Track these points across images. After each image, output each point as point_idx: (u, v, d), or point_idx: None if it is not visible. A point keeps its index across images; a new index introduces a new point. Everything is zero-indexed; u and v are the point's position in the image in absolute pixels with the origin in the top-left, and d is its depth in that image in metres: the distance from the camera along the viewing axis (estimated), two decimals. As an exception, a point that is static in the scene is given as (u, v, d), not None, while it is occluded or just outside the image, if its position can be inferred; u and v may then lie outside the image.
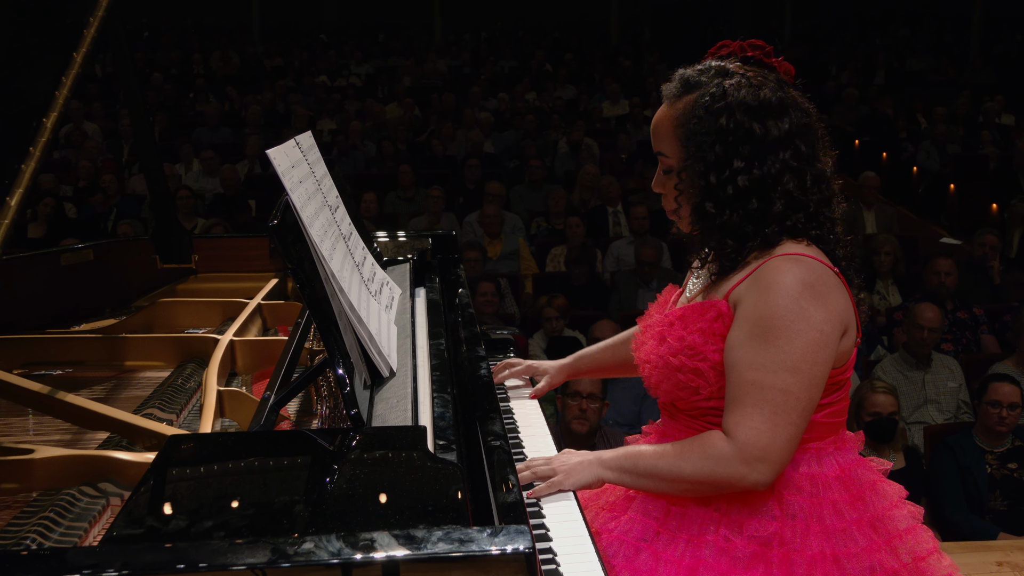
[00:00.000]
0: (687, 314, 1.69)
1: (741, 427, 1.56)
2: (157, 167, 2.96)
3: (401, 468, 1.39)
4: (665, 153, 1.72)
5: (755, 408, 1.56)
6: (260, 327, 2.60)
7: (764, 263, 1.61)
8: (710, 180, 1.64)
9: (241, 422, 1.95)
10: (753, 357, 1.57)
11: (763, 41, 1.74)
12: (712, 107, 1.63)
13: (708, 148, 1.64)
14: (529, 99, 11.83)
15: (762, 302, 1.58)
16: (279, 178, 1.65)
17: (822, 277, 1.59)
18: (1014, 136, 9.95)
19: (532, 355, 5.21)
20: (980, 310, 5.60)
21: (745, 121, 1.63)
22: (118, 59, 2.72)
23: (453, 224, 7.24)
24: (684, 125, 1.67)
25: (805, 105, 1.69)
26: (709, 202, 1.65)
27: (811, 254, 1.61)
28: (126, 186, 8.33)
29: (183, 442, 1.48)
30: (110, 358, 2.42)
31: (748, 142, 1.63)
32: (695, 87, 1.68)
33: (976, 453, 4.05)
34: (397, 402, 1.69)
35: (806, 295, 1.56)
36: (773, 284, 1.58)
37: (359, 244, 2.13)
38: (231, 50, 14.47)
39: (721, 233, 1.66)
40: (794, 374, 1.55)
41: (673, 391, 1.70)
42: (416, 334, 2.09)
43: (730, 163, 1.63)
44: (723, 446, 1.58)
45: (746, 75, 1.67)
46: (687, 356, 1.65)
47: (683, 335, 1.67)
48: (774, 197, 1.63)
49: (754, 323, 1.58)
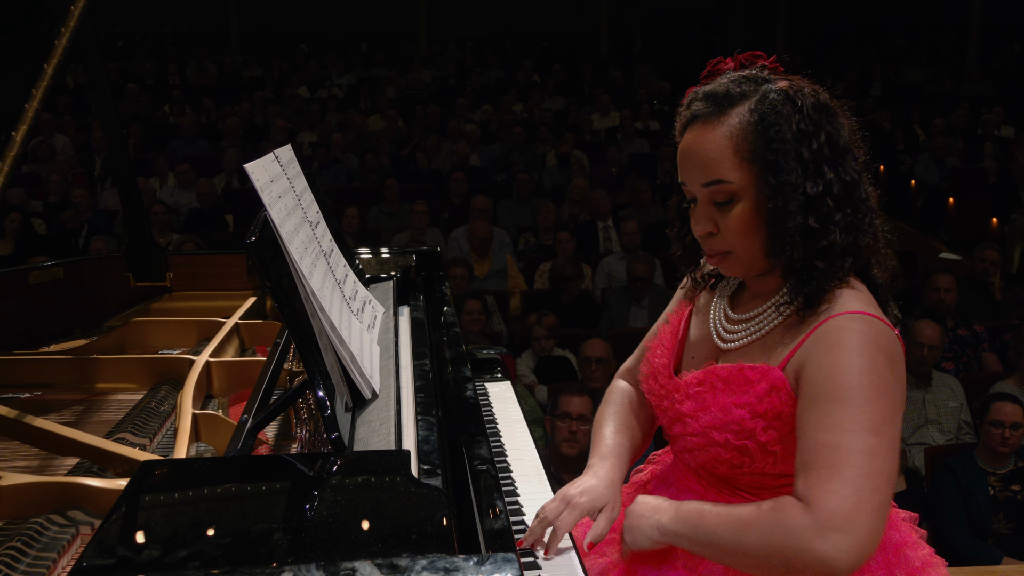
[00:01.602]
0: (733, 379, 1.53)
1: (819, 491, 1.37)
2: (130, 181, 2.95)
3: (384, 494, 1.38)
4: (726, 179, 1.47)
5: (833, 471, 1.37)
6: (237, 347, 2.59)
7: (826, 322, 1.46)
8: (808, 192, 1.44)
9: (217, 447, 1.94)
10: (822, 418, 1.40)
11: (762, 52, 1.59)
12: (783, 110, 1.45)
13: (795, 157, 1.45)
14: (516, 111, 11.88)
15: (830, 362, 1.42)
16: (257, 193, 1.65)
17: (892, 343, 1.45)
18: (1014, 148, 10.05)
19: (520, 375, 5.21)
20: (981, 327, 5.63)
21: (821, 122, 1.47)
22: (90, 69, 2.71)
23: (438, 240, 7.25)
24: (753, 137, 1.45)
25: (839, 105, 1.56)
26: (812, 217, 1.45)
27: (876, 313, 1.47)
28: (98, 201, 8.30)
29: (157, 468, 1.47)
30: (80, 380, 2.40)
31: (829, 145, 1.47)
32: (740, 98, 1.48)
33: (978, 475, 4.07)
34: (380, 425, 1.68)
35: (881, 357, 1.42)
36: (843, 343, 1.42)
37: (340, 261, 2.13)
38: (208, 60, 14.49)
39: (829, 254, 1.46)
40: (876, 435, 1.38)
41: (711, 461, 1.57)
42: (400, 354, 2.09)
43: (822, 170, 1.45)
44: (798, 515, 1.38)
45: (787, 79, 1.52)
46: (732, 433, 1.51)
47: (727, 406, 1.51)
48: (863, 207, 1.49)
49: (825, 385, 1.41)
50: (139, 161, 9.03)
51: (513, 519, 1.73)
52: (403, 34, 17.16)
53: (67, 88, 11.96)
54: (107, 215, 7.84)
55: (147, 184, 8.47)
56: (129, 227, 3.07)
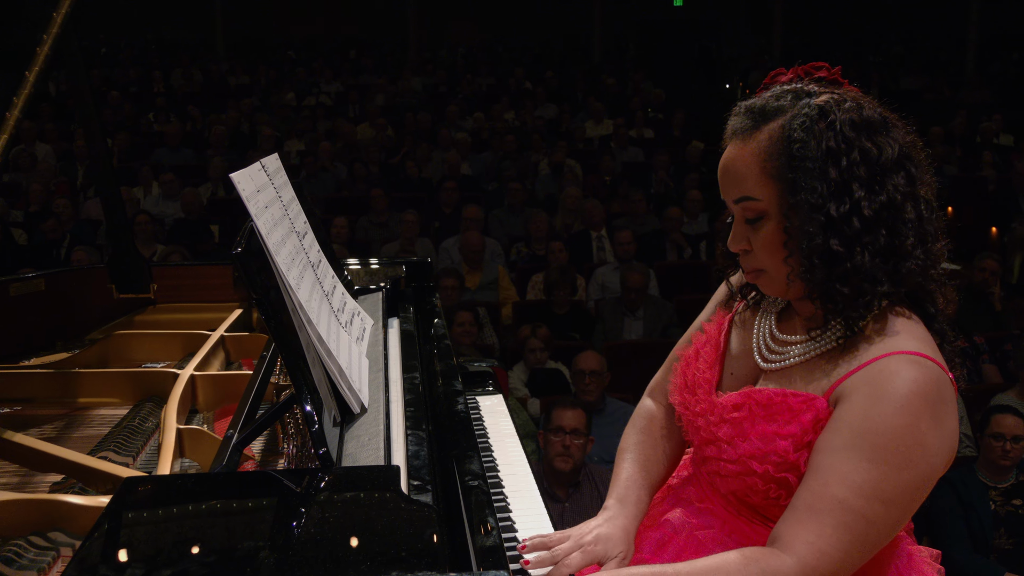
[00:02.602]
0: (775, 405, 1.50)
1: (811, 548, 1.40)
2: (114, 191, 2.95)
3: (373, 511, 1.37)
4: (753, 196, 1.47)
5: (835, 530, 1.39)
6: (223, 361, 2.58)
7: (879, 360, 1.42)
8: (830, 213, 1.41)
9: (202, 463, 1.93)
10: (849, 472, 1.39)
11: (825, 63, 1.57)
12: (813, 127, 1.43)
13: (819, 176, 1.42)
14: (508, 119, 11.91)
15: (874, 413, 1.39)
16: (243, 203, 1.65)
17: (943, 392, 1.41)
18: (1013, 157, 10.11)
19: (513, 388, 5.21)
20: (981, 338, 5.64)
21: (856, 139, 1.43)
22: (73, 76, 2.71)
23: (428, 250, 7.25)
24: (779, 156, 1.44)
25: (904, 124, 1.52)
26: (834, 239, 1.42)
27: (931, 354, 1.43)
28: (80, 211, 8.28)
29: (140, 484, 1.46)
30: (62, 395, 2.39)
31: (864, 163, 1.43)
32: (776, 113, 1.47)
33: (979, 489, 4.08)
34: (369, 440, 1.68)
35: (926, 417, 1.38)
36: (890, 393, 1.38)
37: (328, 272, 2.13)
38: (193, 67, 14.50)
39: (855, 278, 1.43)
40: (888, 506, 1.39)
41: (744, 490, 1.55)
42: (389, 367, 2.09)
43: (850, 190, 1.42)
44: (784, 569, 1.40)
45: (834, 92, 1.50)
46: (773, 465, 1.48)
47: (769, 434, 1.49)
48: (904, 230, 1.44)
49: (859, 434, 1.39)
50: (123, 170, 9.00)
51: (505, 536, 1.72)
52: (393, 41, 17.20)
53: (49, 96, 11.95)
54: (90, 225, 7.82)
55: (131, 194, 8.45)
56: (112, 238, 3.07)
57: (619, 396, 4.93)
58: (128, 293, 3.03)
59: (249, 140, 10.53)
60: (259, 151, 8.97)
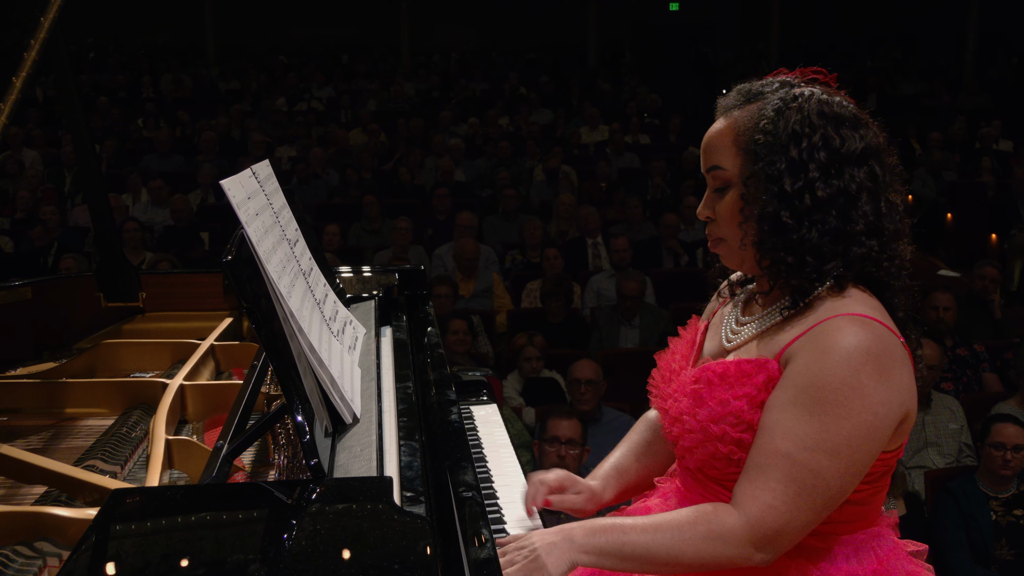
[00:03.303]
0: (730, 373, 1.59)
1: (757, 502, 1.48)
2: (102, 197, 2.94)
3: (365, 523, 1.37)
4: (722, 166, 1.62)
5: (779, 484, 1.47)
6: (213, 370, 2.58)
7: (825, 321, 1.51)
8: (784, 186, 1.54)
9: (192, 474, 1.93)
10: (791, 426, 1.48)
11: (825, 69, 1.69)
12: (784, 109, 1.58)
13: (780, 151, 1.55)
14: (502, 124, 11.93)
15: (816, 366, 1.48)
16: (234, 210, 1.65)
17: (889, 348, 1.49)
18: (1013, 163, 10.14)
19: (507, 397, 5.20)
20: (981, 346, 5.66)
21: (821, 126, 1.56)
22: (60, 82, 2.71)
23: (422, 258, 7.25)
24: (749, 131, 1.59)
25: (879, 129, 1.63)
26: (785, 211, 1.54)
27: (879, 317, 1.51)
28: (68, 218, 8.28)
29: (128, 496, 1.46)
30: (49, 405, 2.38)
31: (824, 149, 1.55)
32: (758, 96, 1.63)
33: (980, 499, 4.08)
34: (361, 451, 1.68)
35: (868, 368, 1.46)
36: (832, 348, 1.48)
37: (320, 280, 2.13)
38: (183, 72, 14.51)
39: (799, 248, 1.54)
40: (832, 457, 1.46)
41: (708, 459, 1.61)
42: (382, 377, 2.08)
43: (806, 169, 1.54)
44: (732, 523, 1.50)
45: (815, 85, 1.63)
46: (730, 425, 1.56)
47: (726, 398, 1.57)
48: (854, 215, 1.54)
49: (802, 388, 1.49)
50: (111, 177, 9.01)
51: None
52: (385, 45, 17.22)
53: (36, 101, 11.94)
54: (77, 233, 7.81)
55: (119, 200, 8.45)
56: (100, 245, 3.06)
57: (615, 405, 4.92)
58: (116, 301, 3.02)
59: (239, 146, 10.53)
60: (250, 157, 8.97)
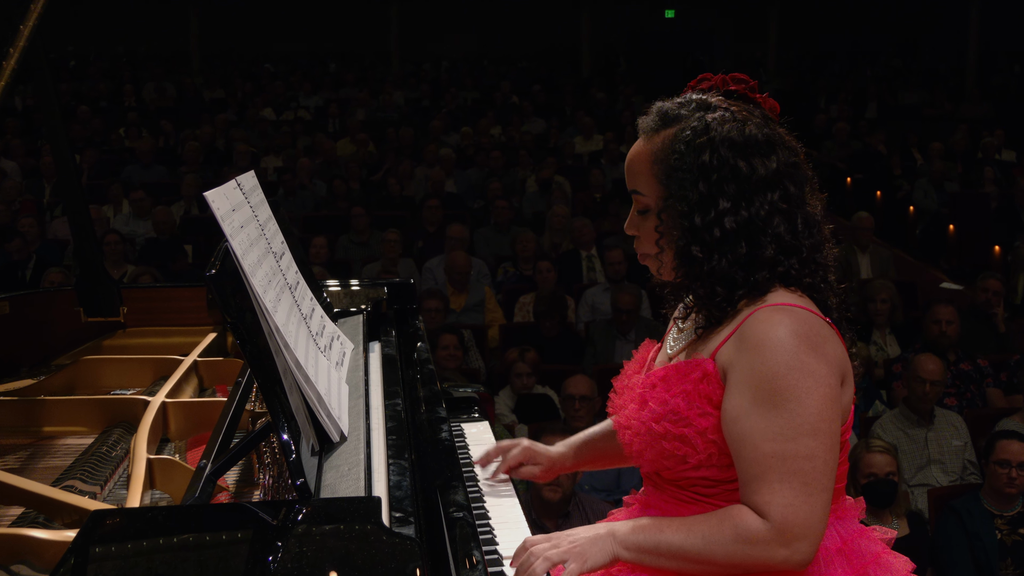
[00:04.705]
0: (669, 375, 1.69)
1: (774, 505, 1.53)
2: (82, 209, 2.94)
3: (353, 544, 1.37)
4: (641, 191, 1.73)
5: (783, 482, 1.53)
6: (196, 387, 2.57)
7: (750, 315, 1.62)
8: (694, 221, 1.65)
9: (174, 494, 1.92)
10: (766, 426, 1.55)
11: (746, 75, 1.76)
12: (694, 142, 1.65)
13: (690, 186, 1.65)
14: (494, 134, 11.95)
15: (759, 362, 1.57)
16: (218, 222, 1.65)
17: (814, 327, 1.60)
18: (1016, 173, 10.20)
19: (499, 414, 5.20)
20: (985, 361, 5.68)
21: (730, 158, 1.64)
22: (40, 91, 2.71)
23: (411, 271, 7.25)
24: (662, 161, 1.68)
25: (792, 143, 1.72)
26: (695, 246, 1.65)
27: (800, 303, 1.62)
28: (47, 230, 8.25)
29: (108, 517, 1.45)
30: (26, 423, 2.37)
31: (734, 180, 1.64)
32: (674, 121, 1.70)
33: (984, 518, 4.09)
34: (348, 470, 1.68)
35: (803, 348, 1.56)
36: (766, 341, 1.58)
37: (307, 294, 2.13)
38: (166, 80, 14.50)
39: (709, 280, 1.66)
40: (815, 436, 1.54)
41: (657, 460, 1.68)
42: (370, 393, 2.08)
43: (715, 203, 1.64)
44: (759, 528, 1.54)
45: (729, 109, 1.69)
46: (671, 422, 1.64)
47: (666, 398, 1.66)
48: (764, 241, 1.64)
49: (756, 388, 1.57)
50: (91, 188, 8.99)
51: (492, 570, 1.72)
52: (374, 53, 17.26)
53: (15, 110, 11.93)
54: (56, 245, 7.80)
55: (100, 212, 8.44)
56: (80, 258, 3.06)
57: (610, 422, 4.92)
58: (96, 316, 3.01)
59: (224, 156, 10.53)
60: (235, 168, 8.98)
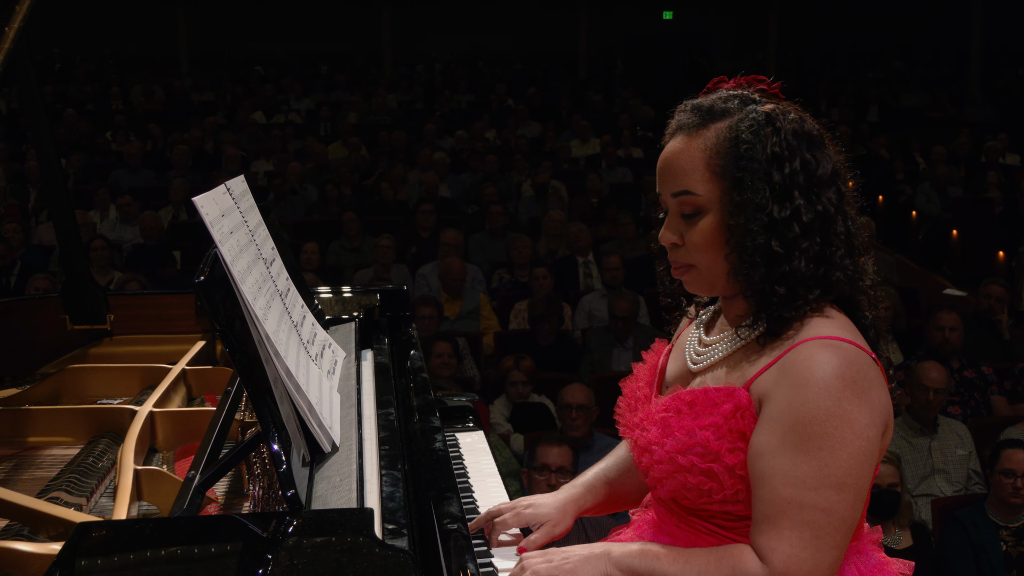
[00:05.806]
0: (697, 401, 1.60)
1: (778, 553, 1.48)
2: (68, 214, 2.94)
3: (345, 557, 1.37)
4: (693, 191, 1.59)
5: (794, 531, 1.48)
6: (184, 396, 2.57)
7: (794, 348, 1.53)
8: (773, 215, 1.54)
9: (162, 506, 1.92)
10: (790, 470, 1.48)
11: (765, 77, 1.69)
12: (760, 131, 1.56)
13: (764, 178, 1.55)
14: (489, 138, 11.97)
15: (798, 402, 1.49)
16: (207, 228, 1.65)
17: (863, 369, 1.51)
18: (1019, 177, 10.23)
19: (494, 424, 5.20)
20: (989, 368, 5.68)
21: (799, 148, 1.57)
22: (25, 93, 2.71)
23: (405, 277, 7.25)
24: (724, 154, 1.57)
25: (835, 145, 1.66)
26: (775, 240, 1.54)
27: (848, 337, 1.54)
28: (32, 236, 8.24)
29: (94, 530, 1.45)
30: (10, 433, 2.37)
31: (804, 173, 1.56)
32: (722, 115, 1.60)
33: (990, 528, 4.09)
34: (340, 481, 1.67)
35: (848, 394, 1.48)
36: (810, 379, 1.49)
37: (298, 302, 2.12)
38: (154, 83, 14.51)
39: (789, 281, 1.54)
40: (839, 491, 1.48)
41: (678, 491, 1.62)
42: (362, 402, 2.08)
43: (791, 195, 1.55)
44: (757, 573, 1.50)
45: (780, 103, 1.63)
46: (698, 456, 1.57)
47: (693, 429, 1.58)
48: (834, 239, 1.57)
49: (789, 428, 1.49)
50: (78, 192, 8.99)
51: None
52: (366, 55, 17.28)
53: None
54: (41, 251, 7.78)
55: (86, 217, 8.41)
56: (66, 265, 3.05)
57: (608, 431, 4.91)
58: (82, 324, 3.01)
59: (213, 160, 10.53)
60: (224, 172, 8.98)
